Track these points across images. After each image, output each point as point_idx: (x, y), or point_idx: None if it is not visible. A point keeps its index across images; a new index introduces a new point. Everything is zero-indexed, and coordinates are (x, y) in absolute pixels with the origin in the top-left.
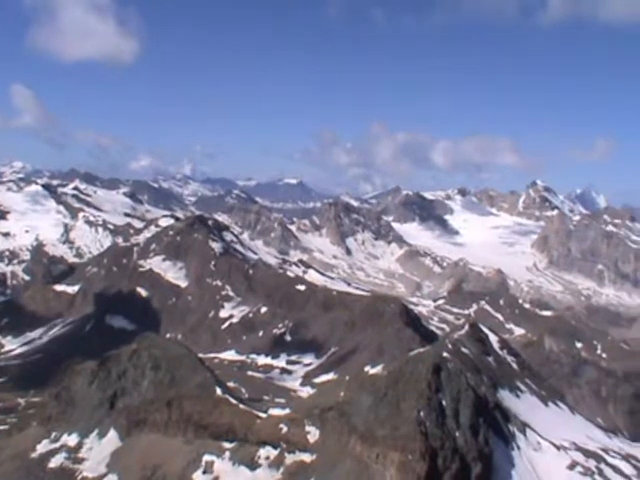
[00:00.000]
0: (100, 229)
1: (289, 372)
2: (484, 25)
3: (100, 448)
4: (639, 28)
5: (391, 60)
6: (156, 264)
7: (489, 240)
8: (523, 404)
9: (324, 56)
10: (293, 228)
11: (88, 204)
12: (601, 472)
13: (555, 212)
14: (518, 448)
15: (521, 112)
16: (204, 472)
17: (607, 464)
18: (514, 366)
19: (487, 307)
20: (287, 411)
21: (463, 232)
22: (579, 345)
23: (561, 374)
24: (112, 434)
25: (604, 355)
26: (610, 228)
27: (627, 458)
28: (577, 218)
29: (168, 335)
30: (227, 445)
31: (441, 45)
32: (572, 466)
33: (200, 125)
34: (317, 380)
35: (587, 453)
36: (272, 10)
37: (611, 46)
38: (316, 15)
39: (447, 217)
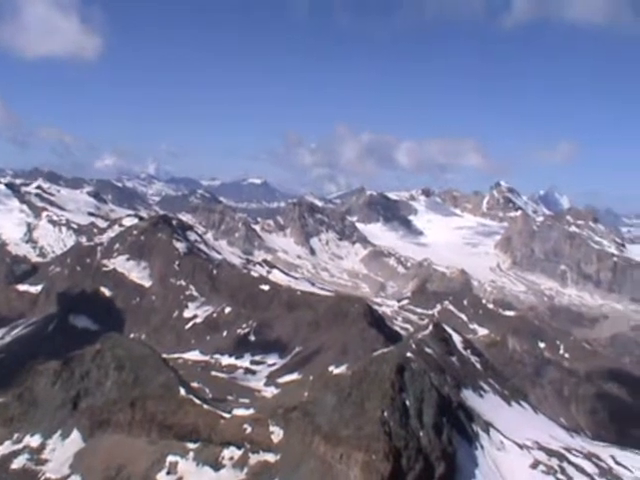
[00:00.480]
0: (64, 228)
1: (253, 372)
2: (449, 27)
3: (63, 449)
4: (602, 29)
5: (356, 61)
6: (120, 264)
7: (453, 240)
8: (486, 404)
9: (290, 57)
10: (257, 228)
11: (51, 203)
12: (564, 471)
13: (519, 213)
14: (481, 447)
15: (486, 113)
16: (168, 473)
17: (569, 463)
18: (477, 366)
19: (451, 307)
20: (251, 411)
21: (427, 232)
22: (542, 345)
23: (524, 374)
24: (75, 435)
25: (567, 355)
26: (573, 229)
27: (589, 457)
28: (540, 219)
29: (132, 335)
30: (191, 445)
31: (406, 47)
32: (535, 465)
33: (165, 124)
34: (281, 380)
35: (550, 452)
36: (238, 12)
37: (575, 47)
38: (282, 17)
39: (411, 217)
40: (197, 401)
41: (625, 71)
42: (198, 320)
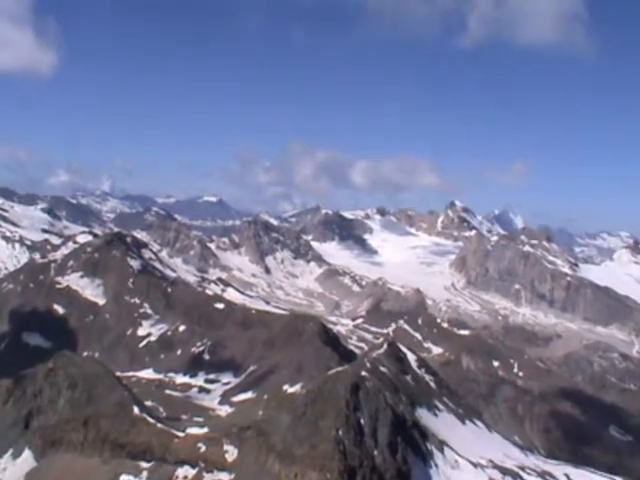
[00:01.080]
0: (17, 245)
1: (207, 391)
2: (405, 46)
3: (14, 469)
4: (554, 51)
5: (312, 79)
6: (74, 281)
7: (408, 260)
8: (441, 422)
9: (243, 72)
10: (212, 246)
11: (5, 219)
12: None
13: (473, 232)
14: (436, 466)
15: (441, 133)
16: None
17: None
18: (432, 385)
19: (405, 326)
20: (205, 430)
21: (382, 251)
22: (496, 364)
23: (478, 393)
24: (27, 454)
25: (520, 374)
26: (527, 248)
27: (543, 475)
28: (495, 238)
29: (85, 353)
30: (144, 465)
31: (361, 64)
32: None
33: (120, 141)
34: (235, 399)
35: (504, 470)
36: (192, 26)
37: (528, 69)
38: (236, 32)
39: (366, 236)
40: (151, 420)
41: (576, 93)
42: (152, 338)
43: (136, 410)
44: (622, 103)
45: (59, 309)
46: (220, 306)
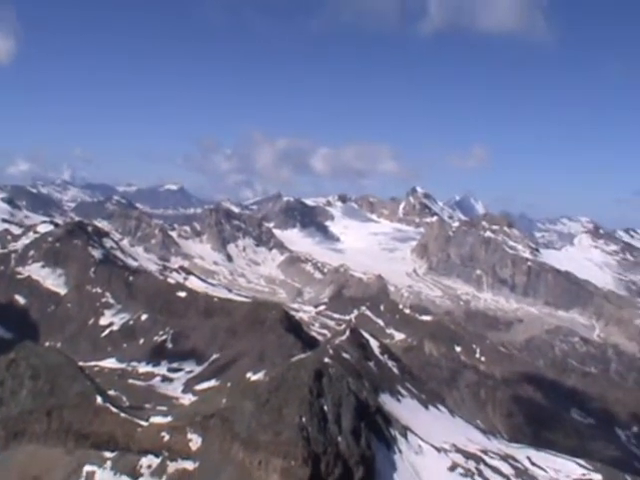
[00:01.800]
0: None
1: (170, 380)
2: (365, 32)
3: None
4: (515, 37)
5: (270, 65)
6: (35, 271)
7: (369, 246)
8: (404, 408)
9: (202, 59)
10: (174, 234)
11: None
12: (481, 473)
13: (434, 218)
14: (400, 451)
15: (401, 119)
16: None
17: (486, 465)
18: (395, 370)
19: (368, 312)
20: (169, 419)
21: (344, 238)
22: (458, 349)
23: (441, 378)
24: None
25: (483, 359)
26: (488, 234)
27: (506, 458)
28: (456, 224)
29: (47, 343)
30: (108, 454)
31: (322, 51)
32: (453, 468)
33: (79, 129)
34: (199, 387)
35: (467, 455)
36: (151, 12)
37: (489, 54)
38: (193, 15)
39: (328, 223)
40: (114, 409)
41: (536, 78)
42: (114, 328)
43: (99, 400)
44: (582, 90)
45: (20, 299)
46: (182, 294)
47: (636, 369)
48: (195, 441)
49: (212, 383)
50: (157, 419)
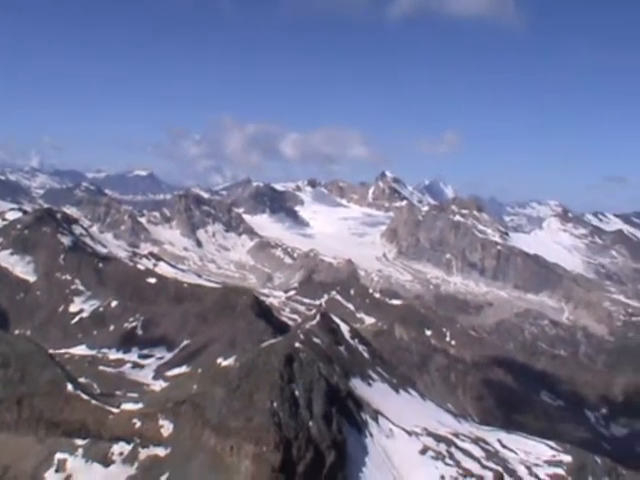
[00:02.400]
0: None
1: (141, 366)
2: (335, 18)
3: None
4: (484, 22)
5: (239, 51)
6: (3, 258)
7: (339, 231)
8: (375, 392)
9: (171, 45)
10: (143, 220)
11: None
12: (452, 456)
13: (404, 203)
14: (371, 435)
15: (371, 104)
16: (57, 471)
17: (457, 448)
18: (365, 355)
19: (338, 297)
20: (140, 406)
21: (313, 223)
22: (428, 333)
23: (411, 362)
24: None
25: (453, 342)
26: (458, 218)
27: (476, 441)
28: (425, 209)
29: (17, 331)
30: (80, 442)
31: (291, 37)
32: (424, 451)
33: (48, 116)
34: (170, 374)
35: (438, 438)
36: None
37: (458, 39)
38: (163, 2)
39: (297, 208)
40: (85, 397)
41: (507, 63)
42: (84, 315)
43: (70, 387)
44: (552, 74)
45: None
46: (152, 281)
47: (605, 351)
48: (166, 427)
49: (183, 369)
50: (128, 406)
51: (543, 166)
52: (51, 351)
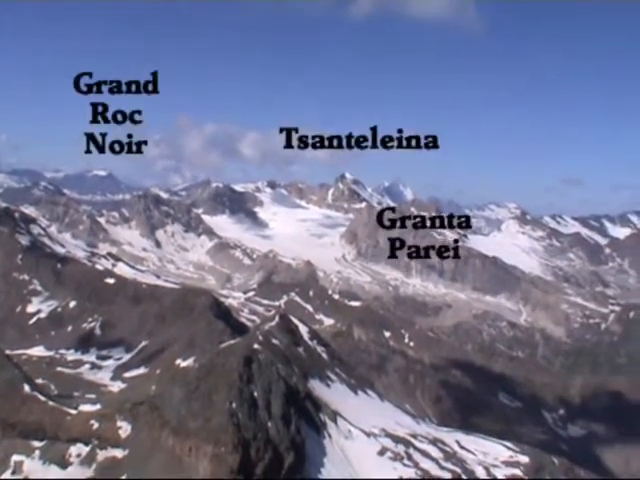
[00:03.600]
0: None
1: (99, 367)
2: (294, 16)
3: None
4: (443, 23)
5: (197, 50)
6: None
7: (299, 232)
8: (333, 393)
9: (126, 42)
10: (102, 220)
11: None
12: (410, 457)
13: (363, 204)
14: (329, 436)
15: (329, 103)
16: (13, 472)
17: (416, 449)
18: (324, 356)
19: (297, 298)
20: (98, 407)
21: (273, 225)
22: (387, 334)
23: (370, 363)
24: None
25: (411, 344)
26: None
27: (434, 442)
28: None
29: None
30: (37, 444)
31: (249, 35)
32: (382, 452)
33: (4, 114)
34: (128, 375)
35: (396, 439)
36: None
37: (418, 41)
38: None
39: (257, 209)
40: (42, 398)
41: (465, 65)
42: (42, 315)
43: (27, 388)
44: (509, 78)
45: None
46: (111, 281)
47: (562, 353)
48: (124, 429)
49: (141, 370)
50: (86, 407)
51: (501, 168)
52: (8, 352)
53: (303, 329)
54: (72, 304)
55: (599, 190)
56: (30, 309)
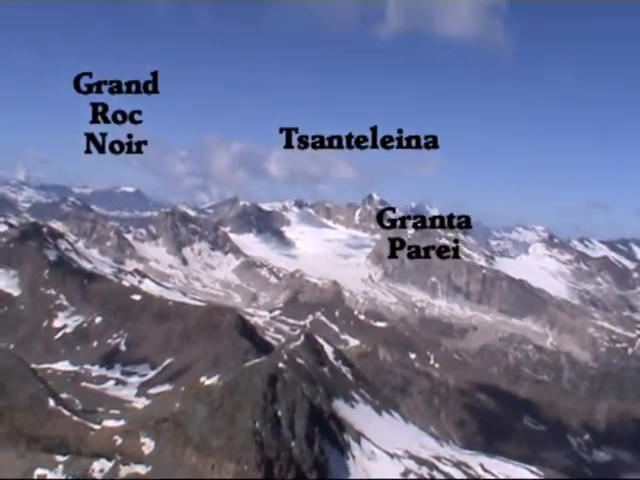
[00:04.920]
0: None
1: (124, 383)
2: (322, 33)
3: None
4: (472, 43)
5: (223, 67)
6: None
7: (325, 252)
8: (358, 414)
9: (151, 59)
10: (129, 237)
11: None
12: (433, 479)
13: None
14: (353, 457)
15: (357, 124)
16: None
17: (439, 471)
18: (349, 376)
19: (323, 318)
20: (122, 423)
21: (299, 244)
22: (412, 356)
23: (395, 384)
24: None
25: (437, 366)
26: (444, 241)
27: (458, 465)
28: (411, 231)
29: None
30: (60, 458)
31: (275, 55)
32: (405, 474)
33: (33, 129)
34: (152, 391)
35: (420, 461)
36: (94, 10)
37: (447, 60)
38: (143, 16)
39: (284, 228)
40: (66, 412)
41: (493, 86)
42: (68, 330)
43: (51, 403)
44: (539, 97)
45: None
46: (137, 298)
47: (588, 377)
48: (148, 445)
49: (166, 387)
50: (110, 423)
51: (528, 190)
52: (33, 366)
53: (328, 349)
54: (98, 320)
55: (626, 214)
56: (56, 324)
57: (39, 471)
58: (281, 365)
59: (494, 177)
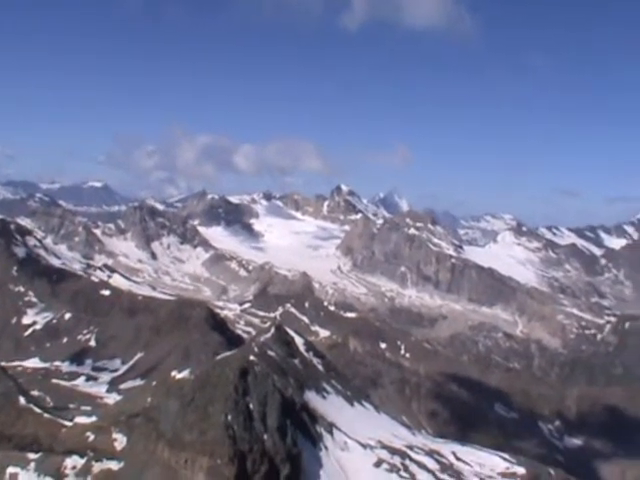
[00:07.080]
0: None
1: (95, 379)
2: (287, 24)
3: None
4: (440, 33)
5: (191, 61)
6: None
7: (294, 244)
8: (329, 405)
9: (122, 56)
10: (98, 232)
11: None
12: (406, 468)
13: (359, 216)
14: (326, 448)
15: (323, 116)
16: None
17: (412, 460)
18: (320, 368)
19: (293, 310)
20: (93, 419)
21: (268, 236)
22: (383, 346)
23: (366, 374)
24: None
25: (407, 355)
26: (412, 231)
27: (431, 454)
28: (380, 222)
29: None
30: (32, 456)
31: (241, 46)
32: (378, 464)
33: None
34: (124, 387)
35: (392, 450)
36: (67, 9)
37: (413, 50)
38: (113, 11)
39: (252, 221)
40: (37, 410)
41: (461, 77)
42: (37, 327)
43: (22, 400)
44: (505, 87)
45: None
46: (106, 293)
47: (558, 364)
48: (120, 441)
49: (137, 382)
50: (81, 419)
51: (496, 179)
52: (3, 363)
53: (299, 341)
54: (67, 316)
55: (594, 201)
56: (25, 321)
57: (11, 469)
58: (252, 358)
59: (463, 167)
